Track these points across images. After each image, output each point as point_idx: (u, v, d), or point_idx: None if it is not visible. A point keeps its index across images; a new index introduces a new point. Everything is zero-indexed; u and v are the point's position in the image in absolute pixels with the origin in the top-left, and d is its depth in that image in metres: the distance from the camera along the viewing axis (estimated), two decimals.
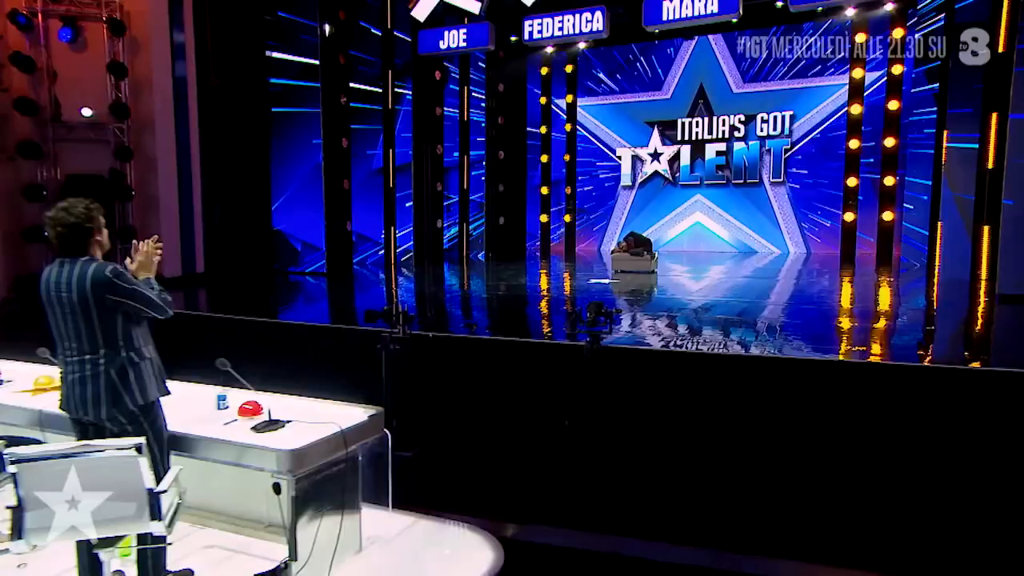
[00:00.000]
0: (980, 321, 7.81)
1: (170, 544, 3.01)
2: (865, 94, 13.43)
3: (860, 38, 12.96)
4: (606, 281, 11.54)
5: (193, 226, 12.07)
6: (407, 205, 14.46)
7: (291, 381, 3.92)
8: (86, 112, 10.94)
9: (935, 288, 9.86)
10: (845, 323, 7.70)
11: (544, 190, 17.02)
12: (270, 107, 12.70)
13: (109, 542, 2.81)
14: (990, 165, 9.06)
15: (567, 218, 17.03)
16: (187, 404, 3.39)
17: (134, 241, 2.99)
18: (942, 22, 10.42)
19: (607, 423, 4.85)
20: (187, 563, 3.23)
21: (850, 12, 11.72)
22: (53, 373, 4.09)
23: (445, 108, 15.05)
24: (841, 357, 5.91)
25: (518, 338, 6.99)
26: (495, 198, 16.60)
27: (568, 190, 16.98)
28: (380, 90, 13.60)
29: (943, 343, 7.11)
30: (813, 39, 11.92)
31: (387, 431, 3.59)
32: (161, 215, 11.56)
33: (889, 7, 11.87)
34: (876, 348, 6.55)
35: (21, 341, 4.68)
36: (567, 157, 16.89)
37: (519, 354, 6.38)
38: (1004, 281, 8.17)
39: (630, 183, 16.45)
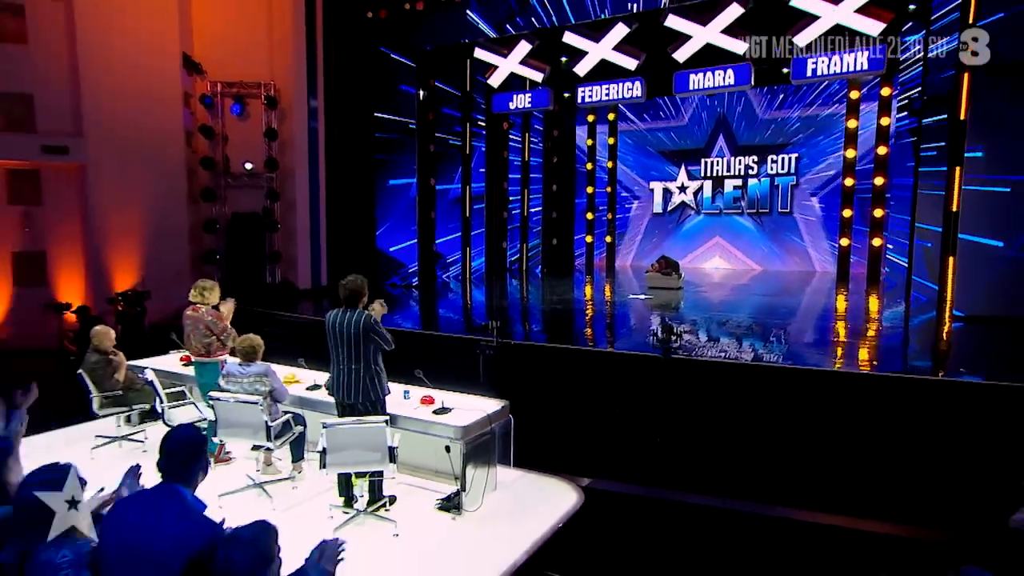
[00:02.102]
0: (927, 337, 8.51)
1: (391, 478, 4.42)
2: (858, 139, 14.03)
3: (854, 95, 13.81)
4: (642, 297, 11.97)
5: (320, 249, 13.29)
6: (479, 230, 15.27)
7: (409, 377, 4.91)
8: (247, 166, 12.46)
9: (907, 306, 10.31)
10: (824, 334, 8.61)
11: (589, 215, 17.72)
12: (375, 154, 13.60)
13: (361, 474, 4.23)
14: (954, 208, 9.71)
15: (608, 239, 17.84)
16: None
17: (375, 305, 4.34)
18: (919, 82, 11.06)
19: (676, 415, 5.86)
20: (391, 492, 4.54)
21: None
22: (296, 372, 5.55)
23: (509, 153, 15.99)
24: (839, 366, 6.89)
25: (577, 346, 7.93)
26: (549, 223, 17.42)
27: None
28: (460, 142, 14.48)
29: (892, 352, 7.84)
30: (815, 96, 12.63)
31: (511, 415, 4.91)
32: (297, 241, 12.98)
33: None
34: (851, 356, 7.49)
35: None
36: (609, 189, 17.69)
37: (581, 359, 7.33)
38: (959, 303, 8.89)
39: (661, 210, 17.11)
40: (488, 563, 3.72)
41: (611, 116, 17.36)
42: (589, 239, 17.84)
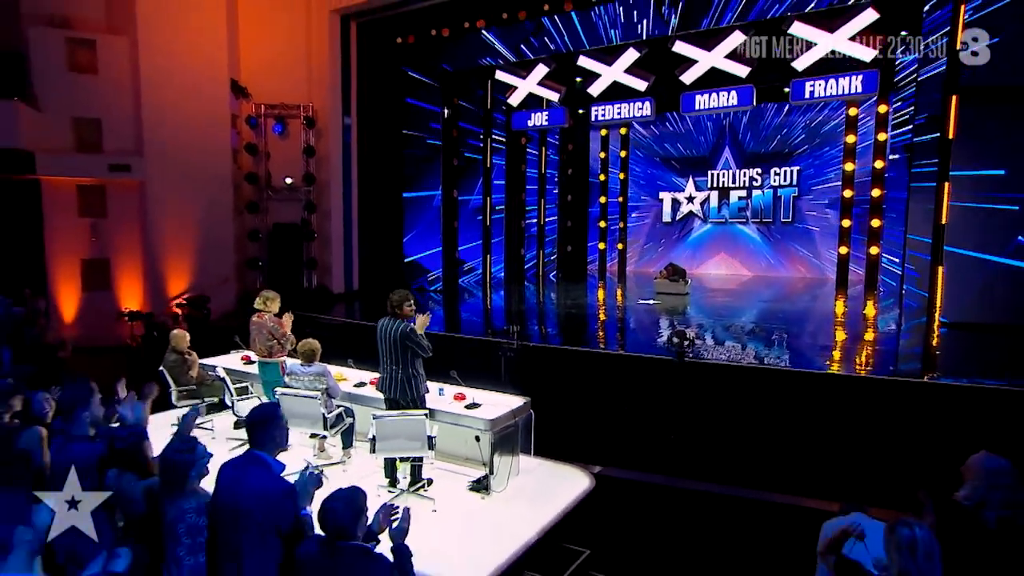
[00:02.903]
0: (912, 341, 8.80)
1: (430, 463, 4.99)
2: (856, 153, 14.36)
3: (852, 112, 14.12)
4: (650, 302, 12.21)
5: (352, 256, 13.71)
6: (499, 236, 15.68)
7: (440, 374, 5.39)
8: (287, 180, 13.05)
9: (901, 313, 10.57)
10: (816, 338, 9.00)
11: (602, 224, 18.18)
12: (403, 168, 14.07)
13: (404, 459, 4.80)
14: (943, 220, 10.01)
15: (619, 246, 18.28)
16: None
17: (418, 316, 4.91)
18: (912, 101, 11.36)
19: (685, 412, 6.30)
20: (429, 475, 5.06)
21: None
22: (344, 371, 6.13)
23: (527, 166, 16.37)
24: (836, 369, 7.32)
25: (589, 348, 8.34)
26: (564, 231, 17.86)
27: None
28: (480, 157, 14.93)
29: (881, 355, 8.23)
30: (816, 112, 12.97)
31: (531, 410, 5.45)
32: (332, 249, 13.46)
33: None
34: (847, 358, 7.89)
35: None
36: (621, 199, 18.14)
37: (593, 360, 7.74)
38: (946, 310, 9.17)
39: (669, 219, 17.50)
40: (513, 535, 4.25)
41: (623, 131, 17.77)
42: (602, 246, 18.28)
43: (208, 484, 2.70)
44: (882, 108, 13.27)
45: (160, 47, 11.32)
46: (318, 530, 2.44)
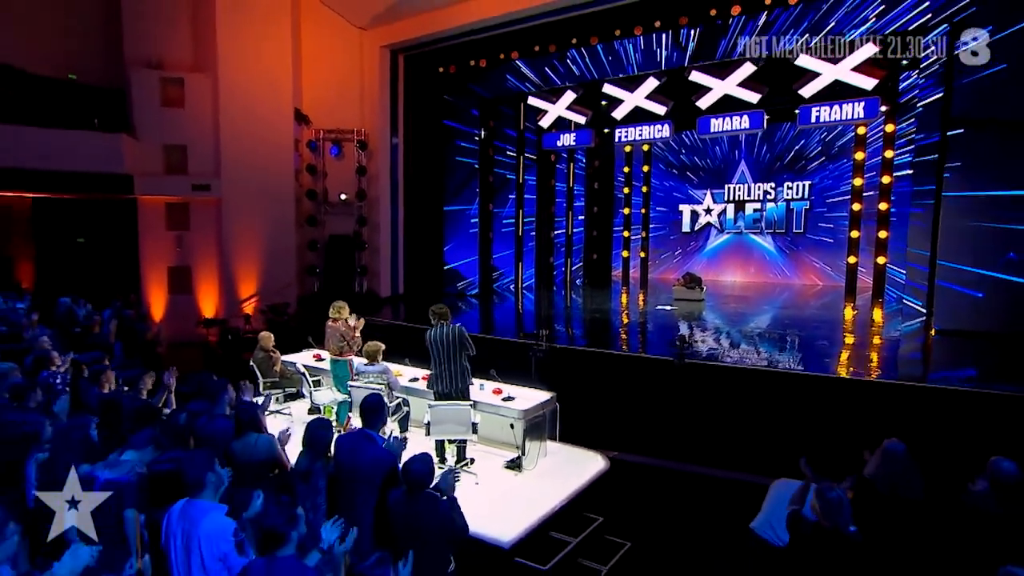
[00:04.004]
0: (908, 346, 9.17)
1: (473, 444, 5.80)
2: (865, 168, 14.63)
3: (861, 131, 14.43)
4: (668, 307, 12.72)
5: (398, 264, 14.67)
6: (530, 245, 16.30)
7: (481, 371, 6.08)
8: (342, 196, 14.04)
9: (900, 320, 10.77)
10: (819, 341, 9.43)
11: (625, 234, 18.65)
12: (444, 185, 14.89)
13: (452, 441, 5.62)
14: (937, 236, 10.27)
15: (642, 254, 18.74)
16: None
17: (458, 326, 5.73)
18: (915, 124, 11.66)
19: (682, 408, 6.97)
20: (471, 455, 5.83)
21: None
22: (400, 368, 7.00)
23: (556, 180, 17.10)
24: (841, 371, 7.87)
25: (608, 350, 8.90)
26: (590, 240, 18.46)
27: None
28: (513, 175, 15.71)
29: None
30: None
31: (557, 404, 6.22)
32: (380, 258, 14.43)
33: (882, 108, 13.17)
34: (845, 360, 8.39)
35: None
36: (644, 210, 18.58)
37: (611, 360, 8.35)
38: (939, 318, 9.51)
39: (688, 230, 18.01)
40: (541, 504, 5.01)
41: (645, 147, 18.18)
42: (625, 254, 18.77)
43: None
44: (889, 127, 13.51)
45: (236, 83, 12.47)
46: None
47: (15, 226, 11.66)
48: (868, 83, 10.51)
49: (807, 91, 11.13)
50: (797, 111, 11.94)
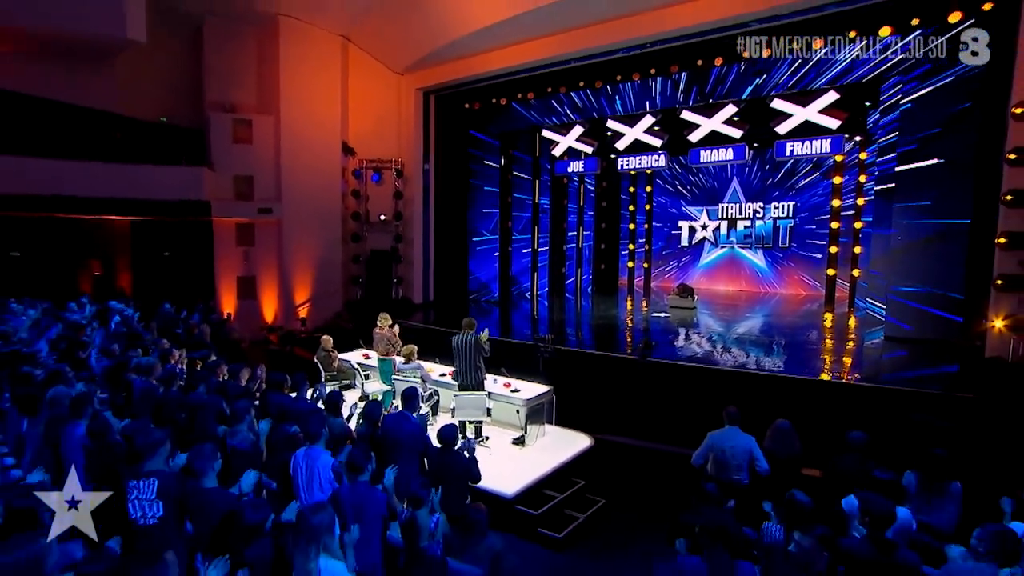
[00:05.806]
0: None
1: (488, 424, 7.11)
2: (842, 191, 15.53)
3: (839, 158, 15.32)
4: (663, 315, 13.62)
5: (429, 274, 15.85)
6: (544, 258, 17.50)
7: (493, 368, 7.30)
8: (382, 217, 15.38)
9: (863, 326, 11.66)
10: (781, 345, 10.44)
11: (630, 246, 19.79)
12: (468, 206, 15.88)
13: (471, 422, 6.94)
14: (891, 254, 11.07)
15: (645, 265, 19.92)
16: None
17: (483, 332, 7.04)
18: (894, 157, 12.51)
19: (651, 399, 8.13)
20: (486, 433, 7.20)
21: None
22: (432, 366, 8.34)
23: (568, 200, 18.30)
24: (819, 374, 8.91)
25: (602, 352, 10.06)
26: (599, 253, 19.64)
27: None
28: (530, 197, 16.91)
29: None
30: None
31: (554, 395, 7.48)
32: (413, 269, 15.67)
33: (857, 138, 14.07)
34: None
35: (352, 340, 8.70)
36: (647, 226, 19.71)
37: (605, 362, 9.37)
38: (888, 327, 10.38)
39: (686, 243, 18.97)
40: (540, 468, 6.28)
41: (649, 171, 19.32)
42: (630, 265, 19.83)
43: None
44: (863, 155, 14.43)
45: (294, 122, 14.01)
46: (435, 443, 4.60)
47: (118, 243, 13.40)
48: (833, 123, 11.51)
49: (782, 129, 12.18)
50: (774, 146, 12.98)
